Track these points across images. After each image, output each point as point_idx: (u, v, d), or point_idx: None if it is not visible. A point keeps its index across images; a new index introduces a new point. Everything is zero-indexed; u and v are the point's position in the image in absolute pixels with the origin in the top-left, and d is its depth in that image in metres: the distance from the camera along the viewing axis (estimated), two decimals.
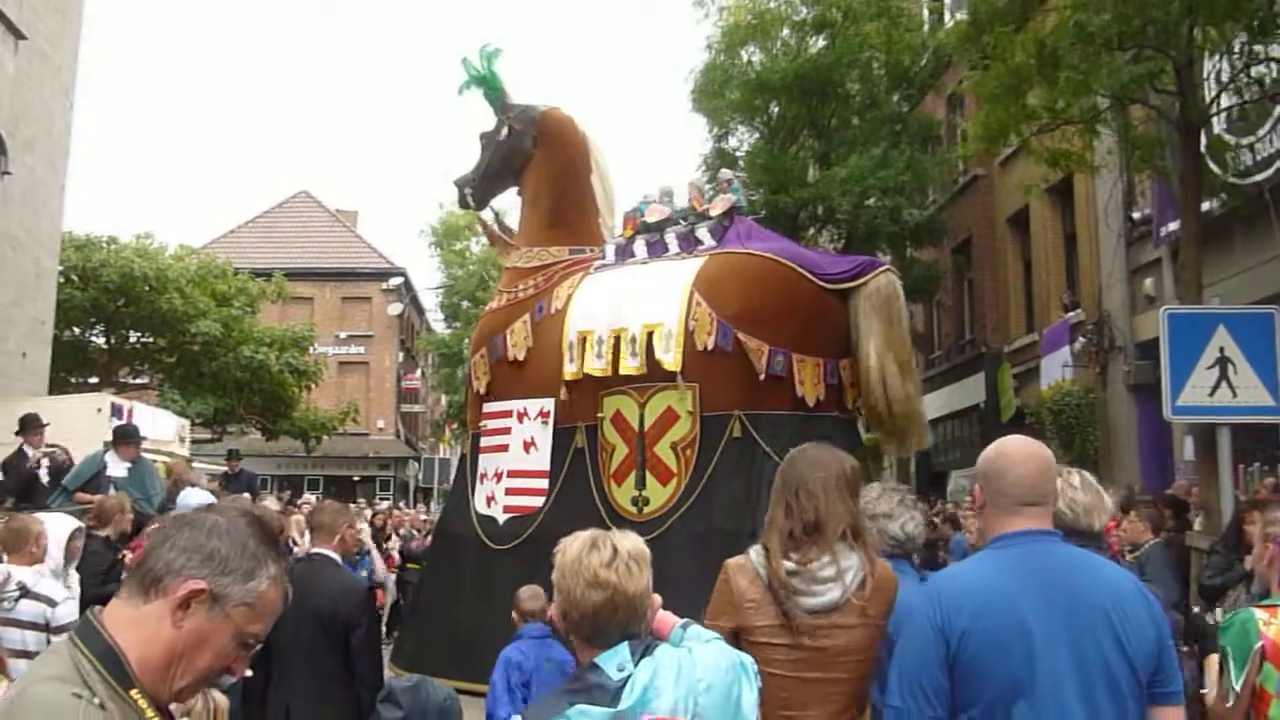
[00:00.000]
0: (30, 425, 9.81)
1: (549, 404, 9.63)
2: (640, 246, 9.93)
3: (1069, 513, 3.76)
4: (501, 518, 9.71)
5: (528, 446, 9.74)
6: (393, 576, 12.50)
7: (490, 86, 11.13)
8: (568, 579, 2.42)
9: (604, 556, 2.41)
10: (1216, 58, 10.95)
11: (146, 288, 22.19)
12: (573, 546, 2.46)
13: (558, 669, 5.10)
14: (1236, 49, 10.19)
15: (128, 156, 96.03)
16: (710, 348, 8.67)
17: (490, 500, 9.91)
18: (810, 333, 8.74)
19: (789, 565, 3.10)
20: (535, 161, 10.82)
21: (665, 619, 2.70)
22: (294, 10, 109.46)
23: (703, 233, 9.64)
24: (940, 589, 2.80)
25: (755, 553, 3.23)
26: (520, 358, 9.94)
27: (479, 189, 11.37)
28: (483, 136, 11.26)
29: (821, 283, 8.79)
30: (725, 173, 10.60)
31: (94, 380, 23.44)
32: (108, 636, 1.67)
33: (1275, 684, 3.37)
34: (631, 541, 2.49)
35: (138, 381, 25.56)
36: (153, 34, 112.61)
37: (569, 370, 9.35)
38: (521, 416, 9.87)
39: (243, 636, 1.76)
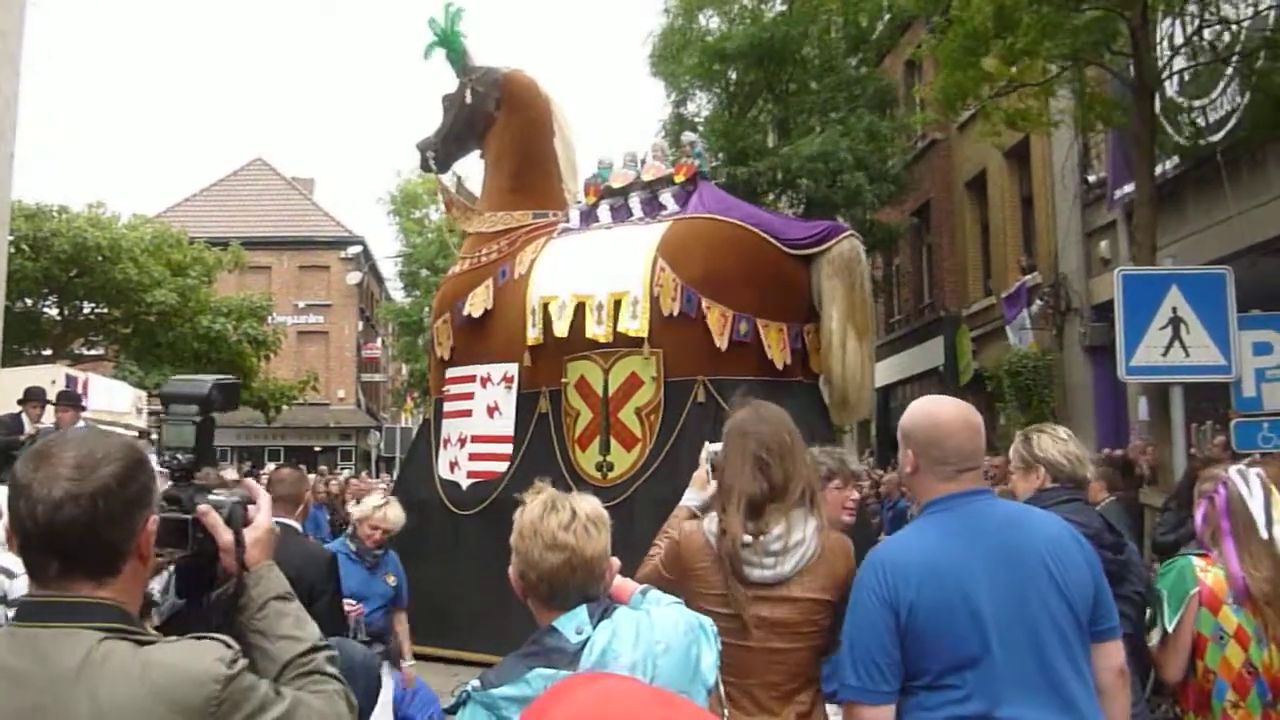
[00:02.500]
0: (32, 398, 9.69)
1: (513, 369, 9.61)
2: (604, 211, 9.93)
3: (1066, 463, 3.85)
4: (465, 483, 9.71)
5: (491, 411, 9.73)
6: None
7: (453, 48, 11.00)
8: (526, 540, 2.42)
9: (562, 518, 2.41)
10: (1169, 20, 11.05)
11: (100, 257, 21.87)
12: (531, 508, 2.46)
13: None
14: (1191, 11, 10.29)
15: (78, 123, 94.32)
16: (674, 313, 8.68)
17: (454, 466, 9.90)
18: (774, 298, 8.76)
19: (744, 537, 3.08)
20: (498, 124, 10.74)
21: (625, 585, 2.71)
22: None
23: (666, 197, 9.63)
24: (883, 561, 2.78)
25: (710, 521, 3.21)
26: (476, 315, 9.91)
27: (441, 152, 11.26)
28: (445, 99, 11.15)
29: (785, 248, 8.82)
30: (688, 135, 10.52)
31: (47, 352, 23.08)
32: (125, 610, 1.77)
33: (1210, 629, 3.47)
34: (590, 504, 2.49)
35: (93, 353, 25.24)
36: None
37: (531, 335, 9.34)
38: (485, 382, 9.85)
39: None
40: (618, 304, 8.90)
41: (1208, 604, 3.48)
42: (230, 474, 12.76)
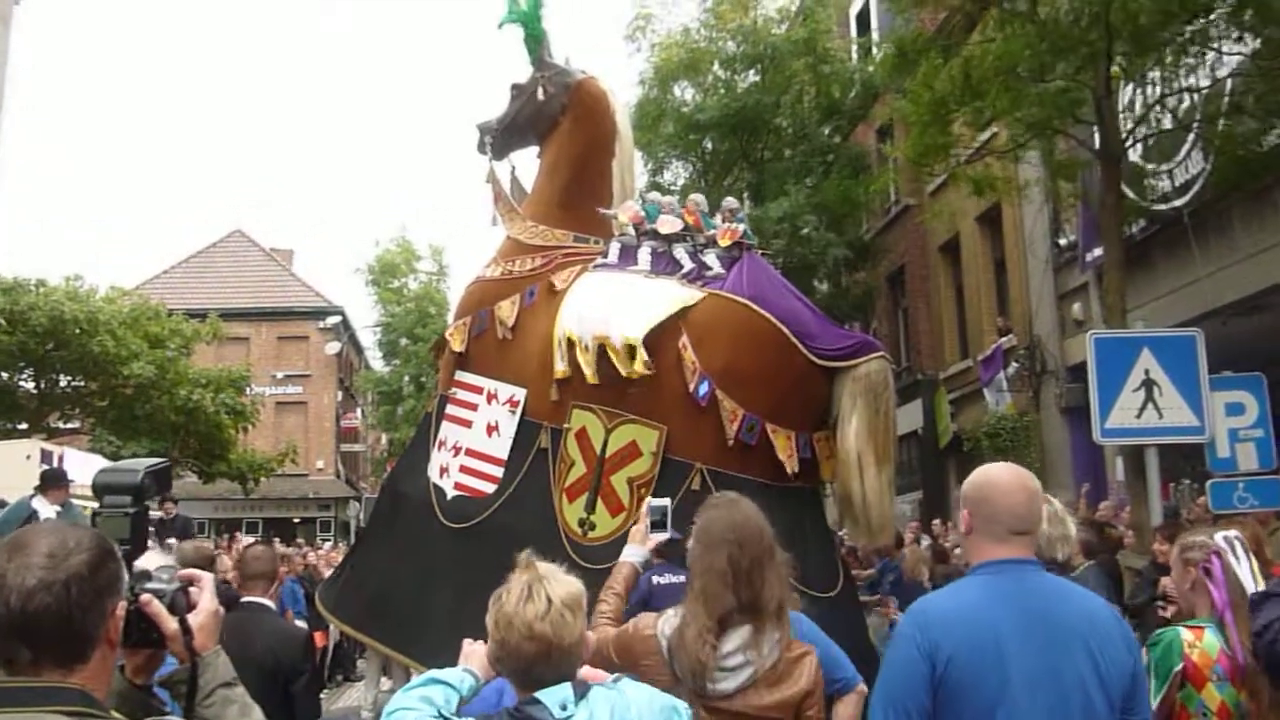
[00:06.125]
0: None
1: (520, 393, 9.36)
2: (645, 254, 9.44)
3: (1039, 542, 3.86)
4: (450, 493, 9.50)
5: (490, 430, 9.48)
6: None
7: (531, 31, 10.45)
8: (502, 630, 2.46)
9: (538, 608, 2.44)
10: (1131, 88, 11.31)
11: (77, 330, 21.78)
12: (508, 598, 2.49)
13: None
14: (1153, 80, 10.54)
15: (57, 197, 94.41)
16: (688, 393, 8.43)
17: (444, 471, 9.71)
18: (789, 406, 8.35)
19: (705, 659, 3.05)
20: (560, 131, 10.30)
21: (597, 675, 2.73)
22: (223, 48, 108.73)
23: (710, 258, 9.15)
24: (926, 613, 2.82)
25: (667, 625, 3.17)
26: (503, 338, 9.68)
27: (499, 140, 10.73)
28: (514, 87, 10.65)
29: (814, 358, 8.36)
30: (730, 201, 10.17)
31: (23, 426, 22.91)
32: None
33: (1195, 704, 3.48)
34: (564, 588, 2.51)
35: (69, 426, 25.04)
36: (78, 72, 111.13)
37: (560, 369, 9.08)
38: (491, 398, 9.58)
39: None
40: (629, 349, 8.68)
41: (1192, 680, 3.49)
42: (207, 545, 12.63)
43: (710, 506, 3.36)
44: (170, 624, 2.07)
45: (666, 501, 3.95)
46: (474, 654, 2.67)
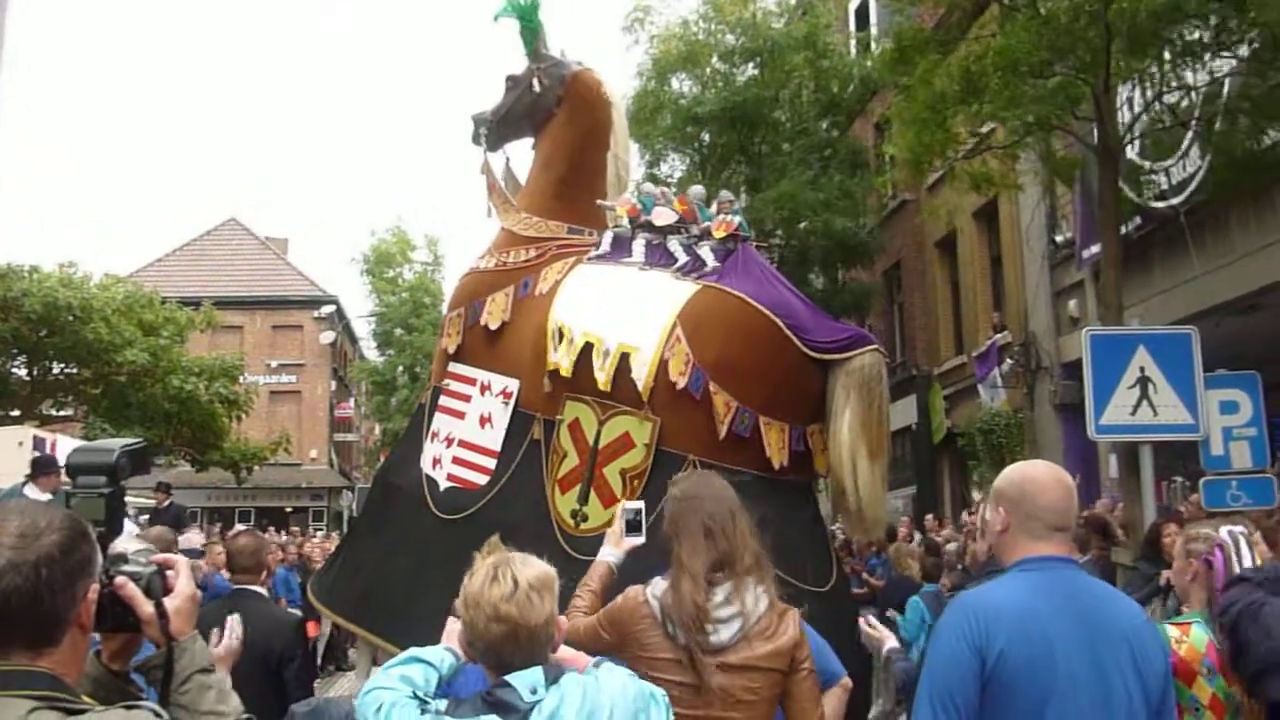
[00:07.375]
0: None
1: (513, 384, 9.37)
2: (639, 246, 9.45)
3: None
4: (442, 484, 9.50)
5: (484, 422, 9.47)
6: None
7: (528, 23, 10.45)
8: (470, 611, 2.48)
9: (504, 590, 2.45)
10: (1130, 85, 11.30)
11: (71, 317, 21.72)
12: (475, 579, 2.51)
13: None
14: (1152, 77, 10.53)
15: (51, 183, 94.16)
16: (681, 387, 8.45)
17: (436, 462, 9.70)
18: (782, 398, 8.33)
19: (700, 600, 3.15)
20: (555, 122, 10.34)
21: (579, 659, 2.74)
22: (219, 35, 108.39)
23: (705, 251, 9.14)
24: (974, 607, 2.81)
25: (655, 589, 3.27)
26: (494, 328, 9.70)
27: (494, 131, 10.73)
28: (509, 79, 10.64)
29: (807, 350, 8.34)
30: (725, 194, 10.18)
31: (15, 413, 22.85)
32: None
33: (1187, 699, 3.48)
34: (533, 570, 2.52)
35: (62, 414, 24.99)
36: (73, 57, 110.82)
37: (552, 359, 9.08)
38: (485, 389, 9.58)
39: None
40: (625, 356, 8.68)
41: (1181, 676, 3.49)
42: (198, 536, 12.62)
43: (679, 480, 3.56)
44: (145, 607, 2.03)
45: (640, 504, 3.99)
46: (455, 632, 2.70)
